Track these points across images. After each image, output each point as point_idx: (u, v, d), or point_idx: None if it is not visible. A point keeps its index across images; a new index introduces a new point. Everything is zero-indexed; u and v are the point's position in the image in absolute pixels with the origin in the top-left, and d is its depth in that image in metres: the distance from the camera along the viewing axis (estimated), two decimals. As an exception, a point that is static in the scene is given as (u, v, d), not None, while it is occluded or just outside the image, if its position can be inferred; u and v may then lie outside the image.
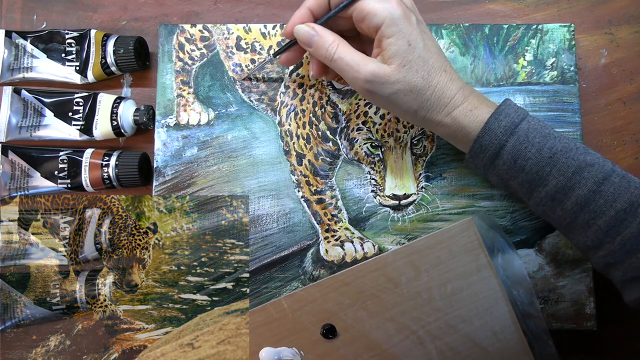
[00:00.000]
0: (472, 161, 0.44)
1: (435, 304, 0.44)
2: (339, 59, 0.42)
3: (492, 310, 0.44)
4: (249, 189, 0.49)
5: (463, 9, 0.54)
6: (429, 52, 0.42)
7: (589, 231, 0.40)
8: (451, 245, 0.45)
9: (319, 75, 0.47)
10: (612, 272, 0.41)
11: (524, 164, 0.41)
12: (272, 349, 0.43)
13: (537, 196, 0.42)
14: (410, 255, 0.45)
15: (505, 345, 0.43)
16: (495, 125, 0.41)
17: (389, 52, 0.41)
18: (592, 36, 0.53)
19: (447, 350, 0.43)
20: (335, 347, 0.44)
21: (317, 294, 0.44)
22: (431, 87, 0.41)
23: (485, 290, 0.44)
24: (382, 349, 0.44)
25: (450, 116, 0.42)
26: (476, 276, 0.44)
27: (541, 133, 0.41)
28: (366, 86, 0.42)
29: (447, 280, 0.44)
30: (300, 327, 0.44)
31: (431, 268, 0.44)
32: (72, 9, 0.54)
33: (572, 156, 0.40)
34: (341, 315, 0.44)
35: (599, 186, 0.39)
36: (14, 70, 0.52)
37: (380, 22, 0.41)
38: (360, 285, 0.44)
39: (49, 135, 0.51)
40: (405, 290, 0.44)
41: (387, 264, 0.45)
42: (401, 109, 0.43)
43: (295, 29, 0.44)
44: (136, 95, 0.53)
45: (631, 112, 0.52)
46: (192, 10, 0.54)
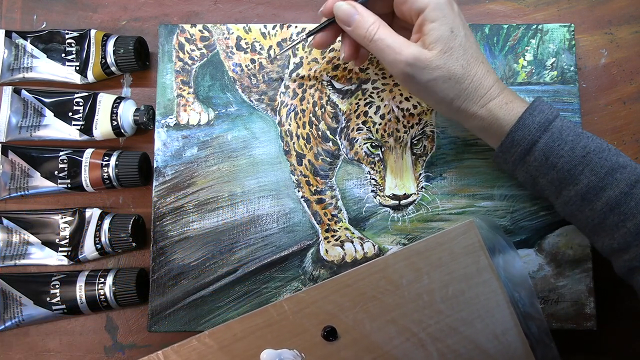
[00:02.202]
0: (501, 155, 0.43)
1: (436, 306, 0.44)
2: (379, 40, 0.41)
3: (494, 312, 0.44)
4: (249, 189, 0.49)
5: (463, 9, 0.54)
6: (469, 41, 0.41)
7: (617, 233, 0.39)
8: (452, 247, 0.45)
9: (350, 58, 0.45)
10: (636, 276, 0.40)
11: (556, 162, 0.40)
12: (273, 351, 0.43)
13: (567, 195, 0.41)
14: (410, 257, 0.45)
15: (507, 347, 0.43)
16: (529, 121, 0.41)
17: (432, 37, 0.40)
18: (592, 36, 0.53)
19: (449, 353, 0.43)
20: (336, 349, 0.44)
21: (317, 296, 0.44)
22: (470, 77, 0.41)
23: (487, 292, 0.44)
24: (383, 351, 0.43)
25: (486, 108, 0.42)
26: (477, 278, 0.44)
27: (574, 132, 0.40)
28: (407, 69, 0.41)
29: (448, 282, 0.44)
30: (301, 329, 0.44)
31: (432, 270, 0.44)
32: (72, 9, 0.54)
33: (605, 157, 0.39)
34: (342, 317, 0.44)
35: (631, 188, 0.39)
36: (14, 70, 0.52)
37: (424, 6, 0.40)
38: (361, 287, 0.44)
39: (49, 135, 0.51)
40: (406, 293, 0.44)
41: (388, 266, 0.45)
42: (437, 96, 0.42)
43: (335, 6, 0.43)
44: (136, 95, 0.53)
45: (631, 112, 0.52)
46: (192, 10, 0.54)
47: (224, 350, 0.43)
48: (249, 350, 0.44)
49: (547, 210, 0.49)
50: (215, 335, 0.44)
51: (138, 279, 0.48)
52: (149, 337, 0.50)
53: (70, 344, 0.50)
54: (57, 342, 0.50)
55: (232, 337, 0.44)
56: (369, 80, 0.50)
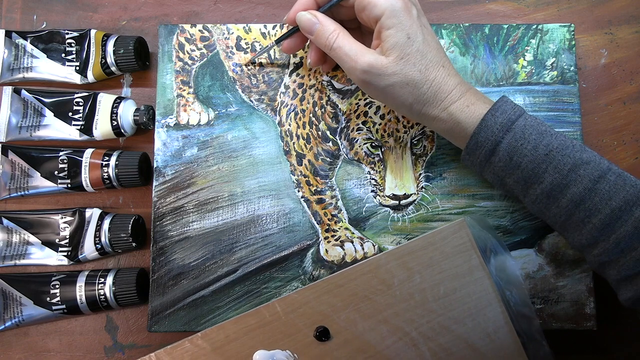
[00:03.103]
0: (468, 158, 0.44)
1: (428, 306, 0.44)
2: (338, 48, 0.42)
3: (485, 311, 0.44)
4: (249, 189, 0.49)
5: (463, 9, 0.54)
6: (428, 46, 0.42)
7: (584, 229, 0.40)
8: (443, 247, 0.44)
9: (317, 64, 0.47)
10: (606, 270, 0.41)
11: (520, 161, 0.41)
12: (265, 352, 0.43)
13: (533, 194, 0.41)
14: (402, 257, 0.45)
15: (499, 346, 0.43)
16: (491, 122, 0.41)
17: (388, 44, 0.41)
18: (592, 36, 0.53)
19: (441, 352, 0.43)
20: (329, 349, 0.44)
21: (310, 297, 0.44)
22: (428, 81, 0.41)
23: (478, 291, 0.44)
24: (376, 351, 0.43)
25: (447, 111, 0.42)
26: (469, 277, 0.44)
27: (538, 130, 0.41)
28: (362, 77, 0.42)
29: (439, 281, 0.44)
30: (293, 330, 0.44)
31: (423, 269, 0.44)
32: (72, 9, 0.54)
33: (568, 154, 0.40)
34: (334, 318, 0.44)
35: (594, 184, 0.39)
36: (14, 70, 0.52)
37: (381, 13, 0.41)
38: (353, 287, 0.44)
39: (49, 135, 0.51)
40: (397, 292, 0.44)
41: (380, 265, 0.44)
42: (396, 101, 0.42)
43: (297, 16, 0.44)
44: (136, 95, 0.53)
45: (631, 112, 0.52)
46: (192, 10, 0.54)
47: (217, 352, 0.43)
48: (242, 352, 0.43)
49: (547, 210, 0.49)
50: (208, 337, 0.44)
51: (138, 279, 0.48)
52: (149, 337, 0.50)
53: (70, 344, 0.50)
54: (57, 342, 0.50)
55: (225, 338, 0.44)
56: (369, 80, 0.50)
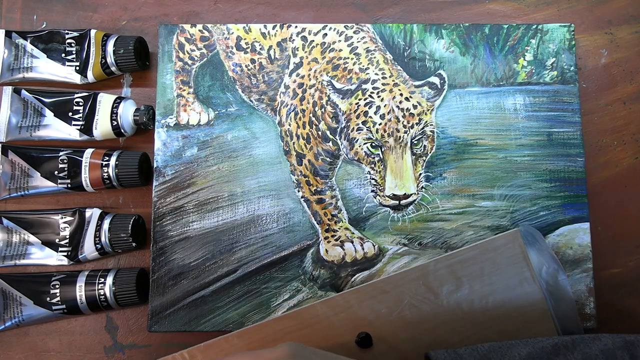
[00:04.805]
0: None
1: (475, 317, 0.42)
2: None
3: (535, 326, 0.42)
4: (249, 189, 0.49)
5: (463, 9, 0.54)
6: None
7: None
8: (495, 257, 0.43)
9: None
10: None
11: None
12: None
13: None
14: (452, 265, 0.43)
15: None
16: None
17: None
18: (592, 36, 0.53)
19: None
20: (370, 356, 0.42)
21: (353, 301, 0.43)
22: None
23: (529, 305, 0.42)
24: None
25: None
26: (519, 290, 0.42)
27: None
28: None
29: (489, 293, 0.42)
30: (334, 334, 0.42)
31: (473, 279, 0.43)
32: (72, 9, 0.54)
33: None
34: (377, 324, 0.42)
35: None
36: (14, 70, 0.52)
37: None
38: (399, 293, 0.43)
39: (49, 135, 0.51)
40: (445, 301, 0.42)
41: (428, 272, 0.43)
42: None
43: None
44: (136, 95, 0.53)
45: (631, 112, 0.52)
46: (192, 10, 0.54)
47: None
48: None
49: (547, 210, 0.49)
50: (245, 337, 0.42)
51: (138, 279, 0.48)
52: (149, 337, 0.50)
53: (70, 344, 0.50)
54: (57, 342, 0.50)
55: (262, 339, 0.42)
56: (369, 80, 0.50)
